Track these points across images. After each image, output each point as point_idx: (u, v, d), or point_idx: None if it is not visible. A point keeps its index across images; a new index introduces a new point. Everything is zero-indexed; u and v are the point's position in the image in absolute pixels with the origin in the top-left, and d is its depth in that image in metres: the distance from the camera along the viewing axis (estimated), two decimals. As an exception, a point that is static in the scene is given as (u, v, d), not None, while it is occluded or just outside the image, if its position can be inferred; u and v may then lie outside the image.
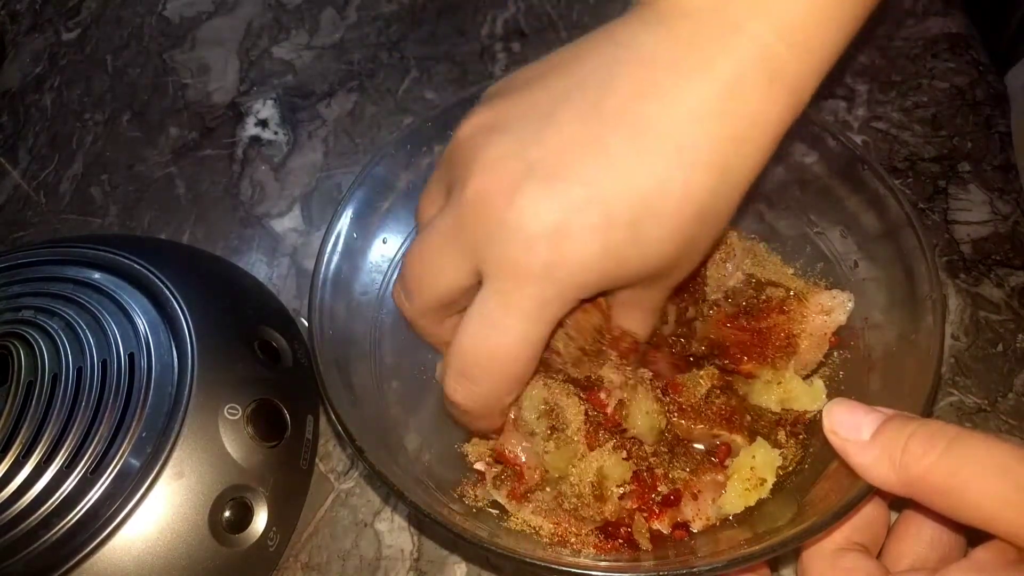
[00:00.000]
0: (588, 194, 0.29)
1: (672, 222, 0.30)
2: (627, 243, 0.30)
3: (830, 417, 0.31)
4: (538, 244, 0.30)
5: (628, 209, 0.29)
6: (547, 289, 0.31)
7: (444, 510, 0.36)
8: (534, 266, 0.30)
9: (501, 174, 0.30)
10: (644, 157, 0.29)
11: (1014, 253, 0.50)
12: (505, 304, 0.31)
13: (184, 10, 0.75)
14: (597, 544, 0.37)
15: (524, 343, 0.32)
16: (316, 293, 0.40)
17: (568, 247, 0.30)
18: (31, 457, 0.40)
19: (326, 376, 0.38)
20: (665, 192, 0.29)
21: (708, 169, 0.30)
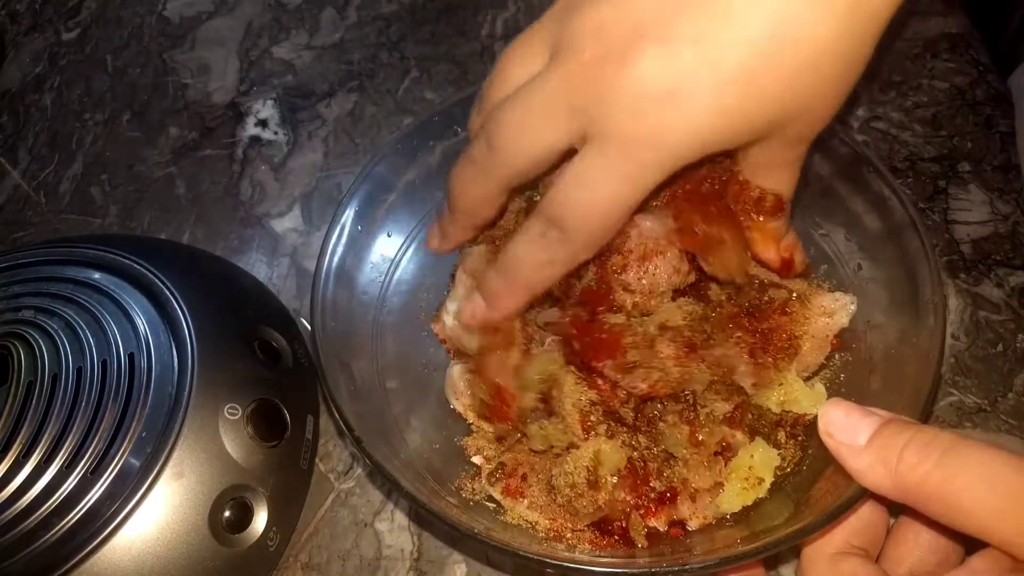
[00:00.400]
0: (698, 54, 0.28)
1: (787, 71, 0.28)
2: (741, 98, 0.29)
3: (825, 418, 0.31)
4: (648, 107, 0.29)
5: (740, 64, 0.28)
6: (650, 153, 0.30)
7: (442, 503, 0.36)
8: (641, 131, 0.29)
9: (611, 37, 0.29)
10: (759, 9, 0.28)
11: (1014, 253, 0.50)
12: (607, 165, 0.31)
13: (184, 10, 0.75)
14: (593, 540, 0.37)
15: (617, 204, 0.32)
16: (319, 285, 0.40)
17: (679, 109, 0.29)
18: (31, 457, 0.40)
19: (327, 368, 0.38)
20: (779, 39, 0.28)
21: (828, 20, 0.28)
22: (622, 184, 0.31)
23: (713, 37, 0.28)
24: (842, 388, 0.40)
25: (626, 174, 0.31)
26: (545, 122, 0.32)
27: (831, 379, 0.41)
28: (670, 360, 0.37)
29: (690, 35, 0.28)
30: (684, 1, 0.29)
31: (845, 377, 0.41)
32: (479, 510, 0.38)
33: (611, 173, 0.31)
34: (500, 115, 0.33)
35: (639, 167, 0.31)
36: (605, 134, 0.30)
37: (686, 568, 0.32)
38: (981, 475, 0.26)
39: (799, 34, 0.28)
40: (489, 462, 0.40)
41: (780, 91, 0.29)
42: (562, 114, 0.31)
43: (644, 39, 0.29)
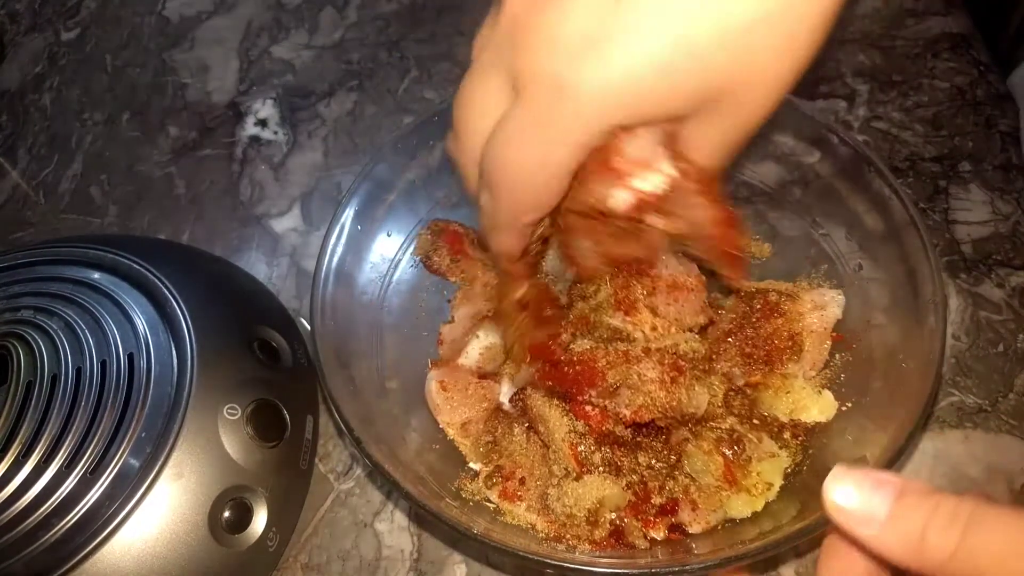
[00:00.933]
0: (632, 5, 0.26)
1: (727, 35, 0.27)
2: (679, 56, 0.27)
3: (833, 495, 0.28)
4: (568, 51, 0.27)
5: (681, 20, 0.26)
6: (579, 106, 0.28)
7: (441, 504, 0.36)
8: (559, 74, 0.27)
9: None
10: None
11: (1015, 253, 0.50)
12: (531, 119, 0.29)
13: (184, 10, 0.75)
14: (594, 541, 0.37)
15: (543, 163, 0.30)
16: (319, 285, 0.40)
17: (602, 58, 0.27)
18: (30, 457, 0.40)
19: (327, 368, 0.38)
20: (718, 4, 0.26)
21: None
22: (542, 141, 0.29)
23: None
24: (843, 388, 0.40)
25: (546, 129, 0.29)
26: (483, 87, 0.31)
27: (832, 379, 0.41)
28: (654, 384, 0.36)
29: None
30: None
31: (846, 377, 0.41)
32: (479, 510, 0.38)
33: (531, 128, 0.29)
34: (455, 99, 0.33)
35: (560, 120, 0.28)
36: (529, 83, 0.28)
37: (686, 568, 0.32)
38: (1008, 547, 0.25)
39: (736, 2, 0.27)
40: (486, 466, 0.40)
41: (712, 51, 0.27)
42: (496, 73, 0.30)
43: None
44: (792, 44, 0.28)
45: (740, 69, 0.28)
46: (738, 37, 0.27)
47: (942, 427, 0.45)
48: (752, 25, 0.27)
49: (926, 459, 0.44)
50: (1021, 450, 0.44)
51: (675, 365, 0.37)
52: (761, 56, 0.28)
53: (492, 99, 0.30)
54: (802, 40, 0.28)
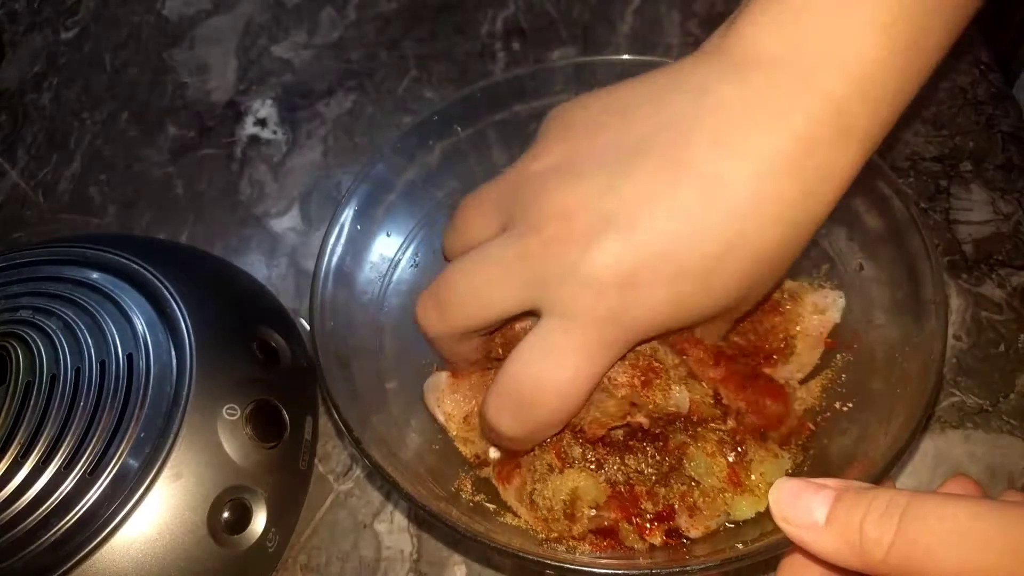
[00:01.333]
0: (661, 248, 0.30)
1: (740, 273, 0.31)
2: (695, 292, 0.31)
3: (777, 504, 0.28)
4: (609, 292, 0.31)
5: (699, 262, 0.30)
6: (611, 332, 0.32)
7: (442, 505, 0.36)
8: (601, 311, 0.31)
9: (576, 223, 0.31)
10: (717, 213, 0.30)
11: (1016, 253, 0.50)
12: (567, 343, 0.32)
13: (183, 9, 0.75)
14: (594, 542, 0.37)
15: (580, 379, 0.33)
16: (318, 285, 0.40)
17: (638, 297, 0.31)
18: (29, 458, 0.40)
19: (326, 369, 0.37)
20: (735, 247, 0.30)
21: (778, 224, 0.30)
22: (583, 361, 0.32)
23: (676, 236, 0.30)
24: (843, 388, 0.40)
25: (588, 351, 0.32)
26: (499, 292, 0.33)
27: (832, 379, 0.41)
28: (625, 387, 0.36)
29: (654, 229, 0.30)
30: (651, 200, 0.30)
31: (846, 377, 0.41)
32: (479, 512, 0.38)
33: (572, 350, 0.32)
34: (450, 276, 0.35)
35: (602, 344, 0.32)
36: (567, 313, 0.32)
37: (687, 569, 0.32)
38: (943, 532, 0.25)
39: (752, 246, 0.30)
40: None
41: (731, 286, 0.31)
42: (516, 287, 0.32)
43: (610, 229, 0.31)
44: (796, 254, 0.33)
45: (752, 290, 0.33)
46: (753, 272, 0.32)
47: (943, 427, 0.45)
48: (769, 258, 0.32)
49: (927, 459, 0.44)
50: (1022, 450, 0.44)
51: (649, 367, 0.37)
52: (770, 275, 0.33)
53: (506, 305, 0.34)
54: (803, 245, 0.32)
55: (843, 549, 0.27)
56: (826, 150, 0.30)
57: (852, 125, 0.30)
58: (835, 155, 0.30)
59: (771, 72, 0.30)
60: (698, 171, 0.30)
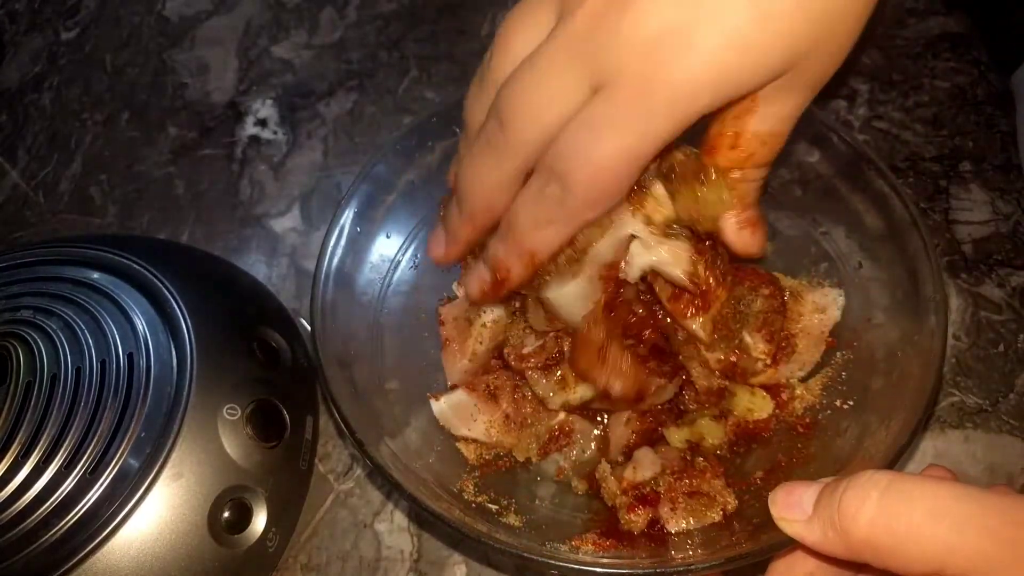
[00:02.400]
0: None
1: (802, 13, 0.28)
2: (755, 30, 0.28)
3: (774, 505, 0.29)
4: (656, 48, 0.28)
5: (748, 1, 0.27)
6: (661, 95, 0.29)
7: (443, 505, 0.36)
8: (650, 71, 0.28)
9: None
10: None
11: (1015, 253, 0.50)
12: (615, 112, 0.29)
13: (183, 9, 0.75)
14: (596, 542, 0.37)
15: (624, 156, 0.30)
16: (319, 287, 0.40)
17: (689, 47, 0.28)
18: (30, 457, 0.40)
19: (328, 371, 0.38)
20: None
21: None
22: (630, 132, 0.29)
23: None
24: (843, 386, 0.40)
25: (635, 121, 0.29)
26: (557, 82, 0.30)
27: (832, 377, 0.41)
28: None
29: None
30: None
31: (847, 375, 0.41)
32: (482, 512, 0.38)
33: (619, 120, 0.29)
34: (509, 87, 0.31)
35: (649, 113, 0.29)
36: (615, 80, 0.29)
37: (691, 568, 0.32)
38: (924, 511, 0.25)
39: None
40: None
41: (794, 20, 0.28)
42: (573, 69, 0.30)
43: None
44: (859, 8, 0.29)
45: (818, 32, 0.28)
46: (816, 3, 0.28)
47: (943, 427, 0.45)
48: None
49: (927, 459, 0.44)
50: (1022, 450, 0.44)
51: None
52: (836, 16, 0.29)
53: (567, 93, 0.30)
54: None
55: (828, 533, 0.27)
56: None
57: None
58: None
59: None
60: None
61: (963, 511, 0.25)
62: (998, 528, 0.24)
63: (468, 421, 0.41)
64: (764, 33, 0.28)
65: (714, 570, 0.32)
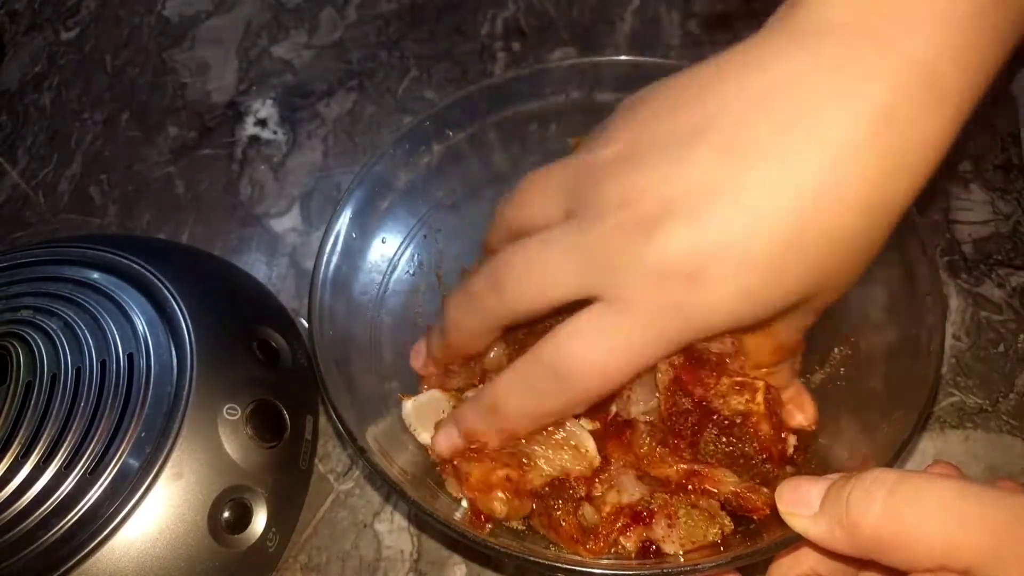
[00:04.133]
0: (725, 237, 0.28)
1: (811, 261, 0.29)
2: (765, 284, 0.29)
3: (781, 499, 0.30)
4: (671, 282, 0.29)
5: (765, 252, 0.28)
6: (672, 324, 0.30)
7: (443, 508, 0.36)
8: (662, 302, 0.30)
9: (639, 210, 0.29)
10: (783, 197, 0.27)
11: (1015, 253, 0.50)
12: (627, 327, 0.31)
13: (183, 9, 0.75)
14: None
15: (627, 365, 0.32)
16: (316, 294, 0.40)
17: (702, 290, 0.29)
18: (30, 457, 0.40)
19: (327, 377, 0.37)
20: (806, 233, 0.28)
21: (856, 209, 0.28)
22: (639, 348, 0.31)
23: (741, 223, 0.28)
24: (841, 382, 0.40)
25: (645, 340, 0.31)
26: (558, 276, 0.32)
27: (831, 375, 0.41)
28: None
29: (718, 217, 0.28)
30: (714, 187, 0.28)
31: (845, 372, 0.41)
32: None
33: (630, 335, 0.31)
34: (511, 259, 0.33)
35: (660, 336, 0.31)
36: (626, 300, 0.30)
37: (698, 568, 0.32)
38: (929, 507, 0.25)
39: (824, 233, 0.28)
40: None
41: (800, 277, 0.29)
42: (578, 273, 0.31)
43: (672, 217, 0.29)
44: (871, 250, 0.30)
45: (822, 284, 0.30)
46: (824, 264, 0.29)
47: (942, 427, 0.45)
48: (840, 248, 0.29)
49: (927, 459, 0.44)
50: (1022, 450, 0.44)
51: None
52: (842, 269, 0.30)
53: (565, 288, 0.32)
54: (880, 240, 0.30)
55: (835, 530, 0.28)
56: (913, 120, 0.27)
57: (942, 89, 0.27)
58: (924, 125, 0.27)
59: (844, 38, 0.27)
60: (762, 153, 0.28)
61: (967, 507, 0.25)
62: (1002, 523, 0.24)
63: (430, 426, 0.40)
64: (771, 288, 0.29)
65: (720, 569, 0.32)
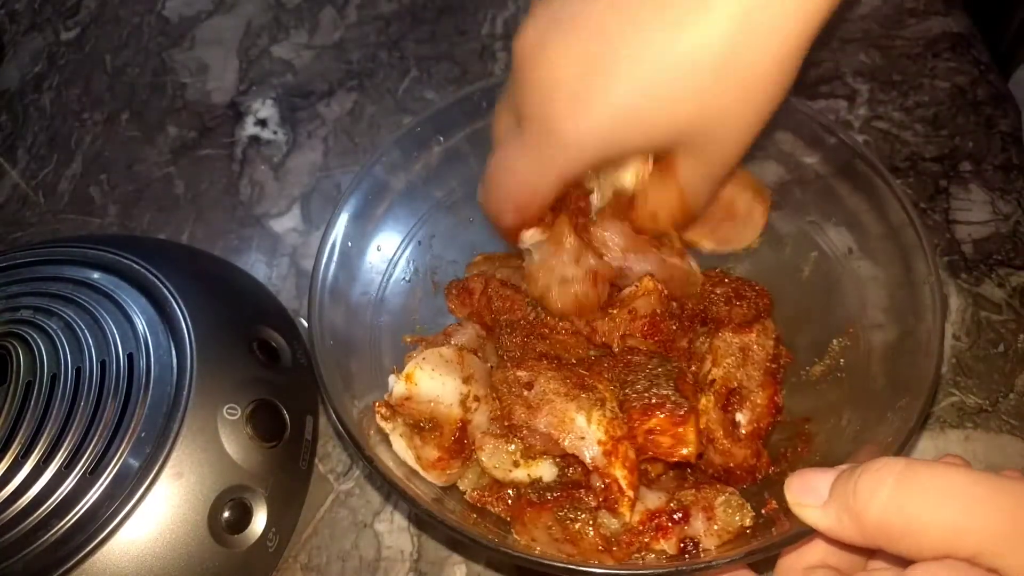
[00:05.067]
0: (604, 50, 0.31)
1: (687, 77, 0.31)
2: (642, 100, 0.31)
3: (790, 490, 0.30)
4: (557, 95, 0.32)
5: (642, 67, 0.30)
6: (563, 146, 0.33)
7: (446, 508, 0.36)
8: (551, 116, 0.33)
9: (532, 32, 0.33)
10: (662, 13, 0.30)
11: (1015, 253, 0.50)
12: (524, 150, 0.35)
13: (183, 9, 0.75)
14: None
15: (530, 185, 0.36)
16: (315, 300, 0.40)
17: (583, 103, 0.32)
18: (30, 457, 0.40)
19: (328, 381, 0.37)
20: (678, 43, 0.30)
21: (727, 18, 0.30)
22: (532, 170, 0.35)
23: (622, 39, 0.31)
24: (841, 373, 0.40)
25: (535, 160, 0.35)
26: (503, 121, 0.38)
27: (831, 367, 0.41)
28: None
29: (602, 35, 0.31)
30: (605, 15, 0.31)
31: (845, 363, 0.40)
32: (483, 514, 0.38)
33: (524, 156, 0.35)
34: (488, 171, 0.39)
35: (547, 155, 0.34)
36: (524, 119, 0.34)
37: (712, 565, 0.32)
38: (935, 494, 0.26)
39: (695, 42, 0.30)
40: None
41: (685, 103, 0.32)
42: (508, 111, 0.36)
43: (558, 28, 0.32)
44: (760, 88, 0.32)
45: (707, 114, 0.32)
46: (702, 85, 0.31)
47: (942, 427, 0.45)
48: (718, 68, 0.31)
49: (927, 459, 0.44)
50: (1021, 450, 0.44)
51: None
52: (725, 101, 0.32)
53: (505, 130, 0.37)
54: (770, 80, 0.32)
55: (843, 518, 0.28)
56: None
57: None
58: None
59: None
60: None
61: (972, 494, 0.25)
62: (1007, 509, 0.25)
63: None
64: (649, 104, 0.32)
65: (734, 565, 0.32)
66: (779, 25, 0.30)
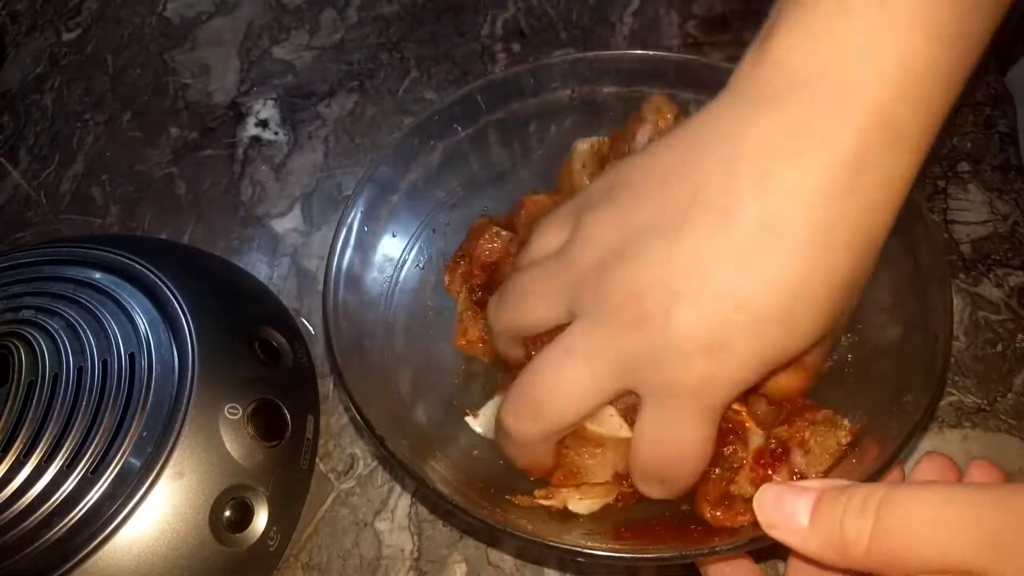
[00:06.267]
0: (734, 303, 0.30)
1: (820, 304, 0.30)
2: (780, 336, 0.30)
3: (762, 510, 0.29)
4: (697, 360, 0.30)
5: (776, 306, 0.30)
6: (708, 396, 0.32)
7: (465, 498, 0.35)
8: (693, 380, 0.31)
9: (647, 303, 0.31)
10: (779, 254, 0.29)
11: (1013, 253, 0.50)
12: (674, 418, 0.33)
13: (184, 10, 0.75)
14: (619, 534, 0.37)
15: (700, 444, 0.33)
16: (330, 286, 0.40)
17: (726, 356, 0.30)
18: (31, 457, 0.40)
19: (344, 369, 0.37)
20: (808, 282, 0.29)
21: (846, 247, 0.30)
22: (697, 427, 0.33)
23: (746, 286, 0.30)
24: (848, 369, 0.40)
25: (694, 420, 0.33)
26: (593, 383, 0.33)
27: (838, 362, 0.40)
28: None
29: (724, 287, 0.30)
30: (713, 260, 0.30)
31: (852, 358, 0.40)
32: (497, 503, 0.37)
33: (684, 423, 0.33)
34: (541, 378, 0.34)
35: (704, 409, 0.32)
36: (661, 391, 0.32)
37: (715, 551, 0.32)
38: (920, 519, 0.25)
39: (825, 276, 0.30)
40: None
41: (816, 320, 0.31)
42: (610, 377, 0.33)
43: (679, 298, 0.30)
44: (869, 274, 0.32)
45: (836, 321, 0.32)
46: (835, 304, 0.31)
47: (941, 427, 0.45)
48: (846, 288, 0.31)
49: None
50: (1020, 450, 0.44)
51: None
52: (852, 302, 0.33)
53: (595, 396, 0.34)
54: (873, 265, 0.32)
55: (827, 549, 0.27)
56: (880, 161, 0.29)
57: (903, 129, 0.29)
58: (890, 163, 0.29)
59: (808, 91, 0.29)
60: (750, 216, 0.29)
61: (955, 512, 0.25)
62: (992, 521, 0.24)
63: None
64: (788, 338, 0.31)
65: (738, 551, 0.33)
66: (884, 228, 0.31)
